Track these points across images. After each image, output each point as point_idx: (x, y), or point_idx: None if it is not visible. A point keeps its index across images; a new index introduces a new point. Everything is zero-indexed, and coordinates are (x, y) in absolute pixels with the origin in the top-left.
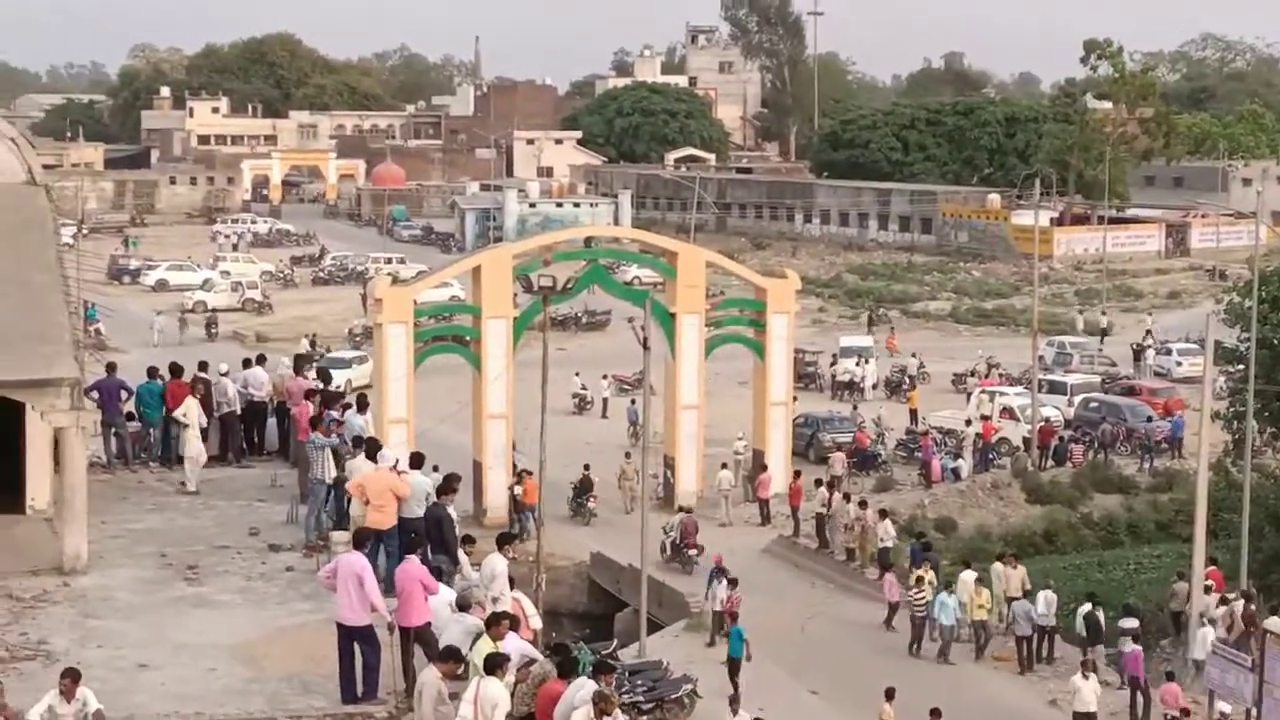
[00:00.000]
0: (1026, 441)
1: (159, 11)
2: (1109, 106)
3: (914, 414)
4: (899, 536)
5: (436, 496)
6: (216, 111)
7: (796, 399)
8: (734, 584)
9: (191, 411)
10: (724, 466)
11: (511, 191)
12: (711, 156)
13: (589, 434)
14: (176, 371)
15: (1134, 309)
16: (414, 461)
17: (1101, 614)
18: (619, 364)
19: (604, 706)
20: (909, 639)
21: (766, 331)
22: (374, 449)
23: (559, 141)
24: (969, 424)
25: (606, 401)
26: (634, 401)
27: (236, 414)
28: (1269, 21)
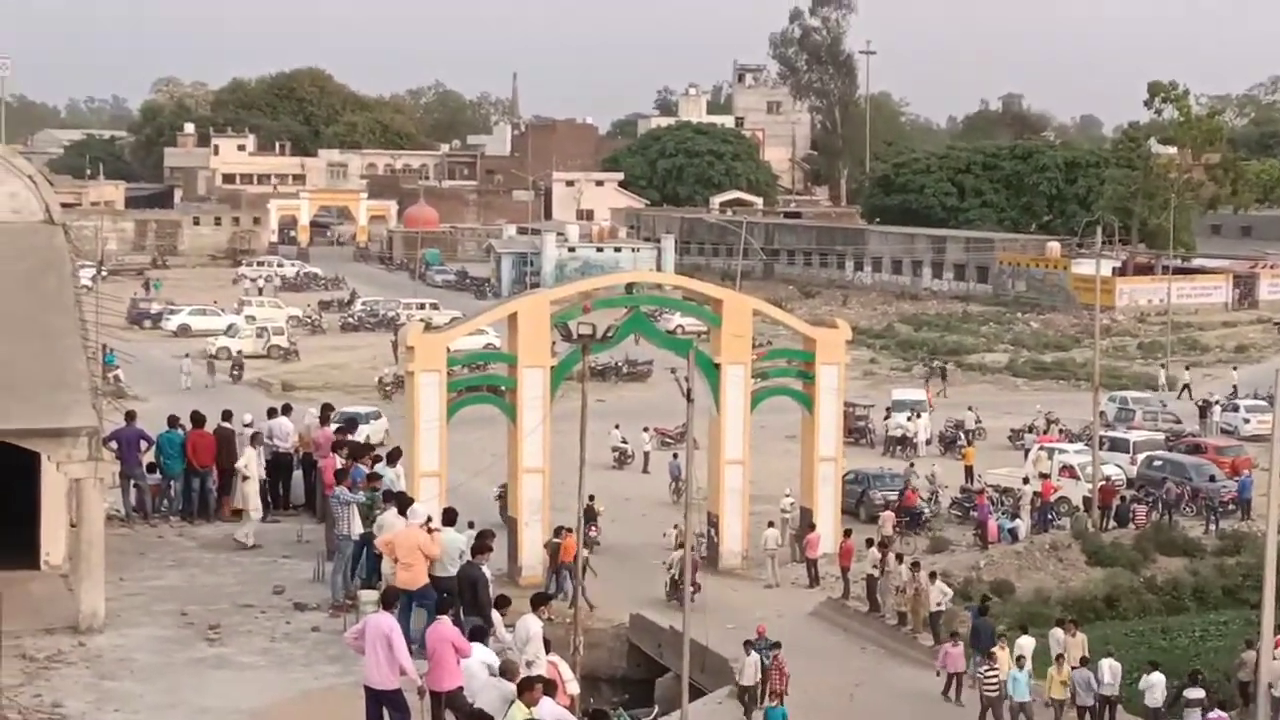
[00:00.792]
0: (1087, 501)
1: (183, 45)
2: (1174, 151)
3: (969, 471)
4: (953, 600)
5: (471, 555)
6: (243, 149)
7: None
8: (777, 646)
9: (252, 463)
10: (770, 525)
11: (550, 235)
12: (759, 200)
13: (629, 489)
14: (198, 421)
15: (1199, 363)
16: (446, 518)
17: (1166, 683)
18: (661, 416)
19: None
20: (977, 717)
21: (815, 383)
22: (404, 504)
23: (599, 183)
24: (1027, 482)
25: (648, 455)
26: (676, 456)
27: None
28: None
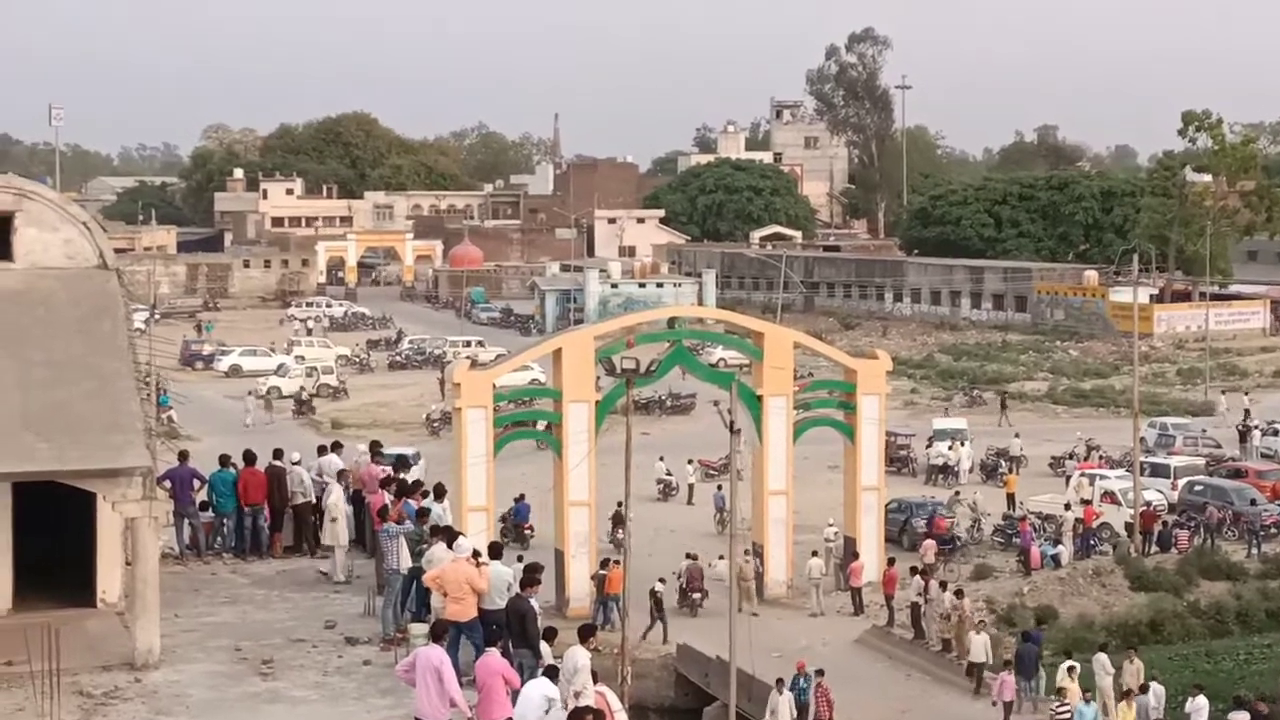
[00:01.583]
0: (1129, 526)
1: (232, 92)
2: (1209, 179)
3: (1011, 499)
4: (996, 626)
5: (519, 589)
6: (291, 193)
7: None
8: (820, 674)
9: (339, 501)
10: (814, 554)
11: (593, 272)
12: (798, 234)
13: (674, 521)
14: (250, 460)
15: (1237, 388)
16: (493, 551)
17: (1211, 707)
18: (704, 448)
19: None
20: None
21: (857, 414)
22: (452, 538)
23: (641, 220)
24: (1068, 508)
25: (692, 487)
26: (720, 487)
27: (312, 503)
28: None
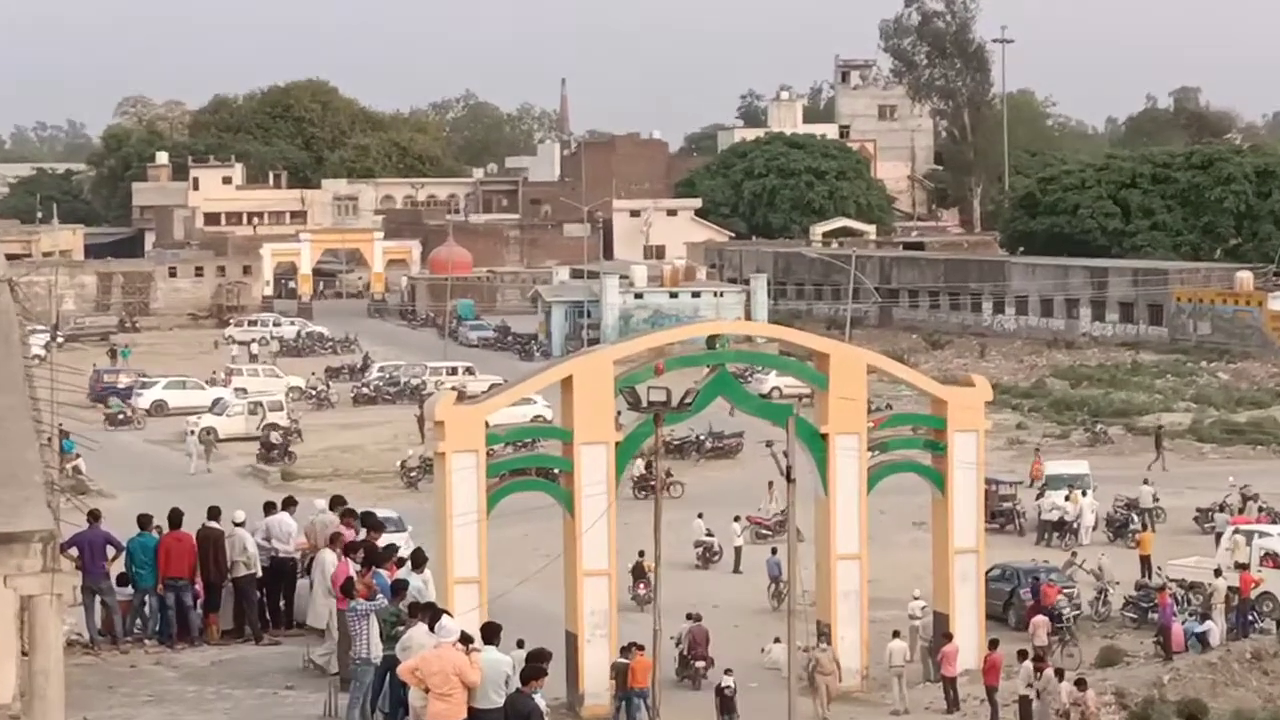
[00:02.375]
0: None
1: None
2: None
3: (1146, 562)
4: None
5: (520, 682)
6: (228, 182)
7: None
8: None
9: (328, 567)
10: (896, 635)
11: (611, 278)
12: (871, 229)
13: (717, 593)
14: (175, 521)
15: None
16: (487, 634)
17: None
18: (754, 502)
19: None
20: None
21: (948, 456)
22: (435, 618)
23: (672, 212)
24: (1219, 575)
25: (739, 551)
26: (775, 551)
27: (256, 575)
28: None
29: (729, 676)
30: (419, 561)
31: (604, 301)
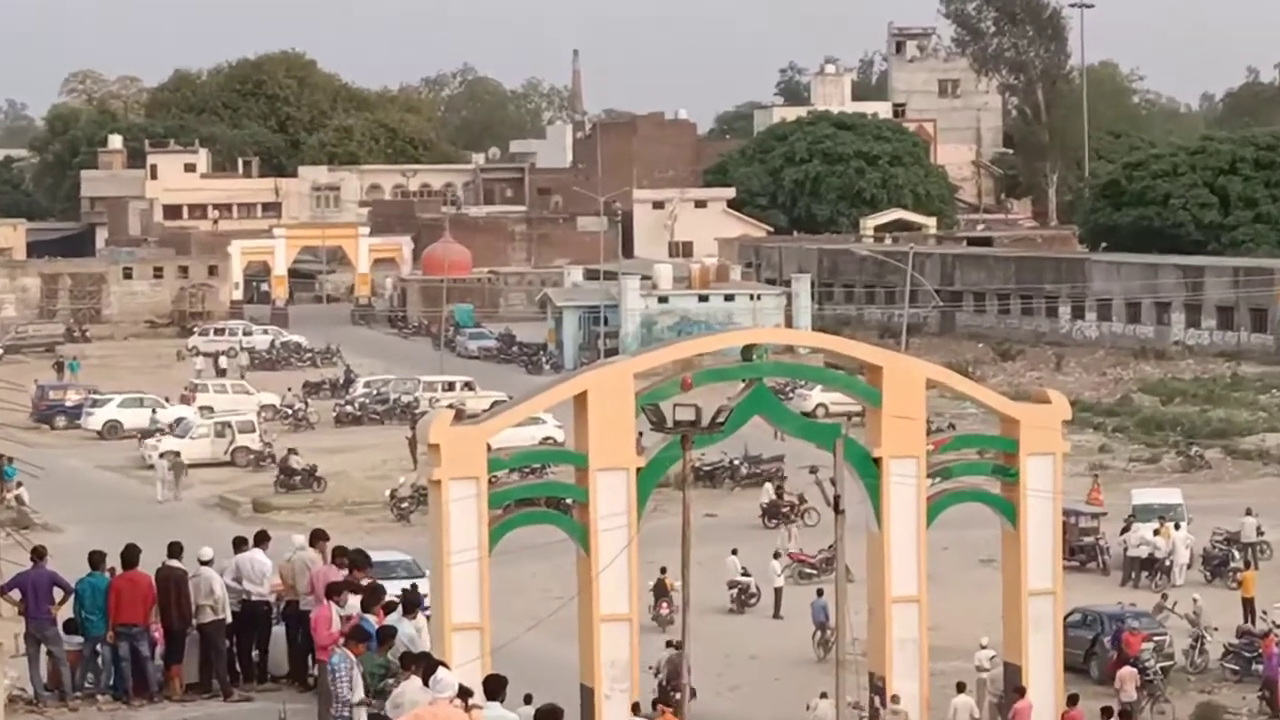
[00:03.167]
0: None
1: (105, 26)
2: None
3: (1249, 605)
4: None
5: None
6: (191, 170)
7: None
8: None
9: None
10: (960, 690)
11: (631, 280)
12: (931, 222)
13: (755, 641)
14: (131, 559)
15: None
16: (491, 689)
17: None
18: (797, 536)
19: None
20: None
21: (1020, 484)
22: (430, 670)
23: (701, 204)
24: None
25: (780, 593)
26: (821, 593)
27: (225, 622)
28: None
29: None
30: (411, 605)
31: (623, 306)
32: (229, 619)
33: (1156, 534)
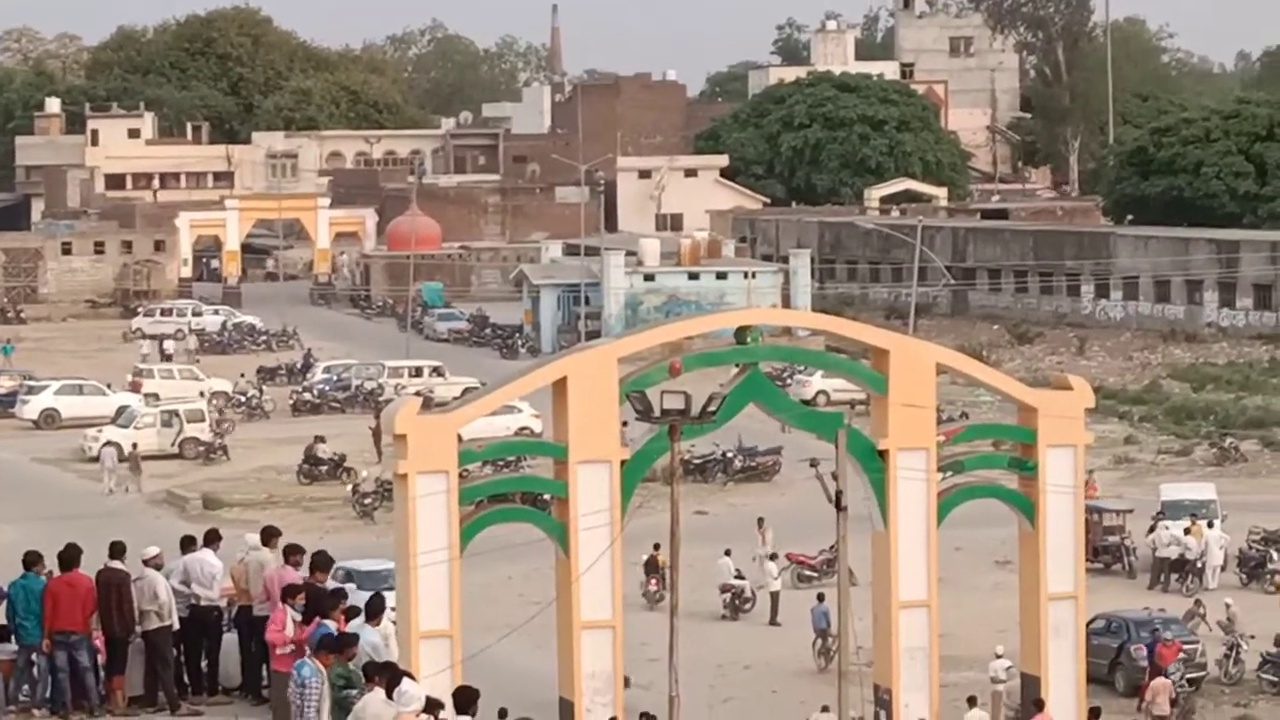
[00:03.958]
0: None
1: None
2: None
3: None
4: None
5: None
6: (136, 136)
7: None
8: None
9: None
10: (973, 703)
11: (615, 256)
12: (941, 192)
13: (750, 650)
14: (70, 560)
15: None
16: (461, 702)
17: None
18: (795, 536)
19: None
20: None
21: (1039, 478)
22: (394, 681)
23: (691, 173)
24: None
25: (777, 597)
26: (822, 598)
27: (172, 628)
28: None
29: None
30: (375, 611)
31: (605, 285)
32: (176, 625)
33: (1187, 533)
